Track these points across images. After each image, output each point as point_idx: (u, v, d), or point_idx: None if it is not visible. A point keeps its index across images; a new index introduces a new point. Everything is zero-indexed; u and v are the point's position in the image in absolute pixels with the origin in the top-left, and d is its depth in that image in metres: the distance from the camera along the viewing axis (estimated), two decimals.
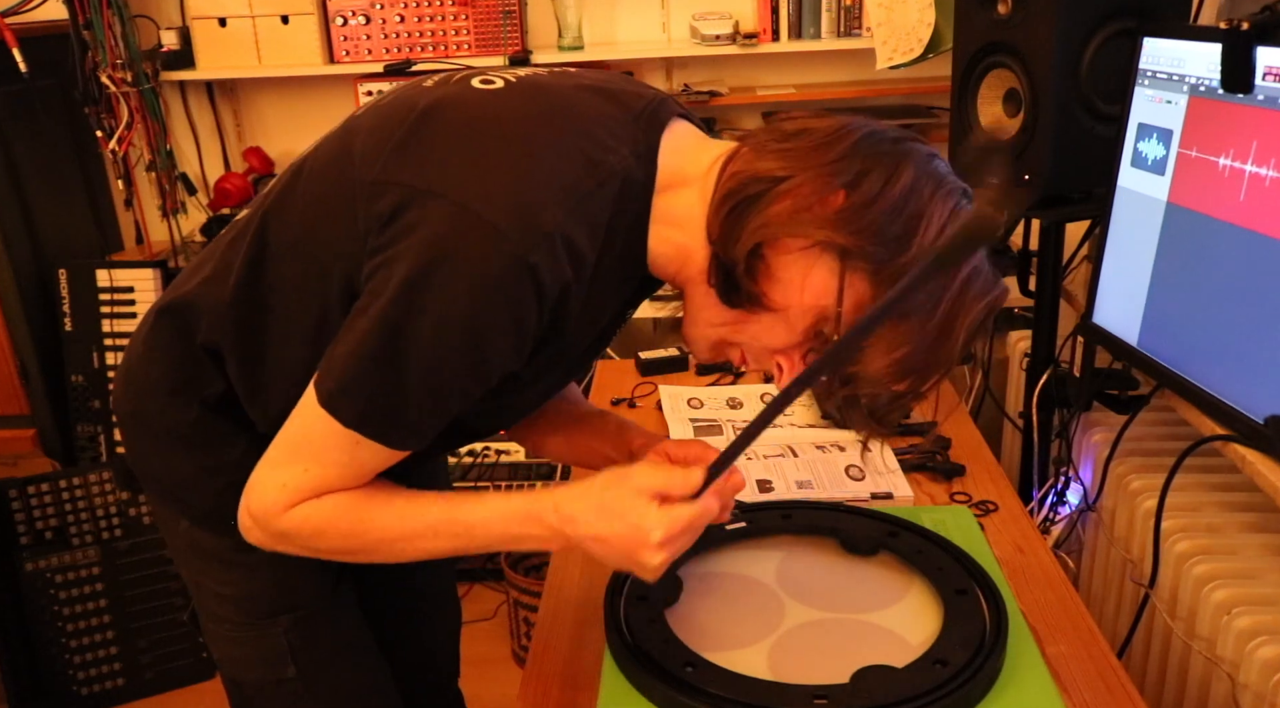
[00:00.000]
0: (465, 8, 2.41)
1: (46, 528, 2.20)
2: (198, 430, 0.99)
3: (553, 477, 2.37)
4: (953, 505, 1.31)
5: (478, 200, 0.77)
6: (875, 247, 0.79)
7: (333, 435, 0.84)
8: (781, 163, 0.82)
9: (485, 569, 2.57)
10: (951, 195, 0.82)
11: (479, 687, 1.45)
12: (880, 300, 0.78)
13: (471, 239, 0.77)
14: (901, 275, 0.77)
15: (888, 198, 0.79)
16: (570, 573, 1.22)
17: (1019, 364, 2.00)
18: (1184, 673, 1.38)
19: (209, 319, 0.95)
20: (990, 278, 0.84)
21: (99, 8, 2.31)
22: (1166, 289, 1.39)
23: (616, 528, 0.84)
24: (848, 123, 0.84)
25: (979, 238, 0.74)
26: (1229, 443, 1.26)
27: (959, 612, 1.01)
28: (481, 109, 0.84)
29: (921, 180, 0.81)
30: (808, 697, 0.91)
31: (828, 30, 2.37)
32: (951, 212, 0.81)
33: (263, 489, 0.88)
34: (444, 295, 0.77)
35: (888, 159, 0.81)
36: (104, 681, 2.25)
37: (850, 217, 0.79)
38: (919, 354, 0.82)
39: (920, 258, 0.78)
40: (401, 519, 0.89)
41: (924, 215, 0.80)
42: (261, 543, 0.91)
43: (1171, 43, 1.36)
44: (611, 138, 0.85)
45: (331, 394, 0.83)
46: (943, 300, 0.80)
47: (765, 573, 1.13)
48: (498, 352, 0.81)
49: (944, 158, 0.85)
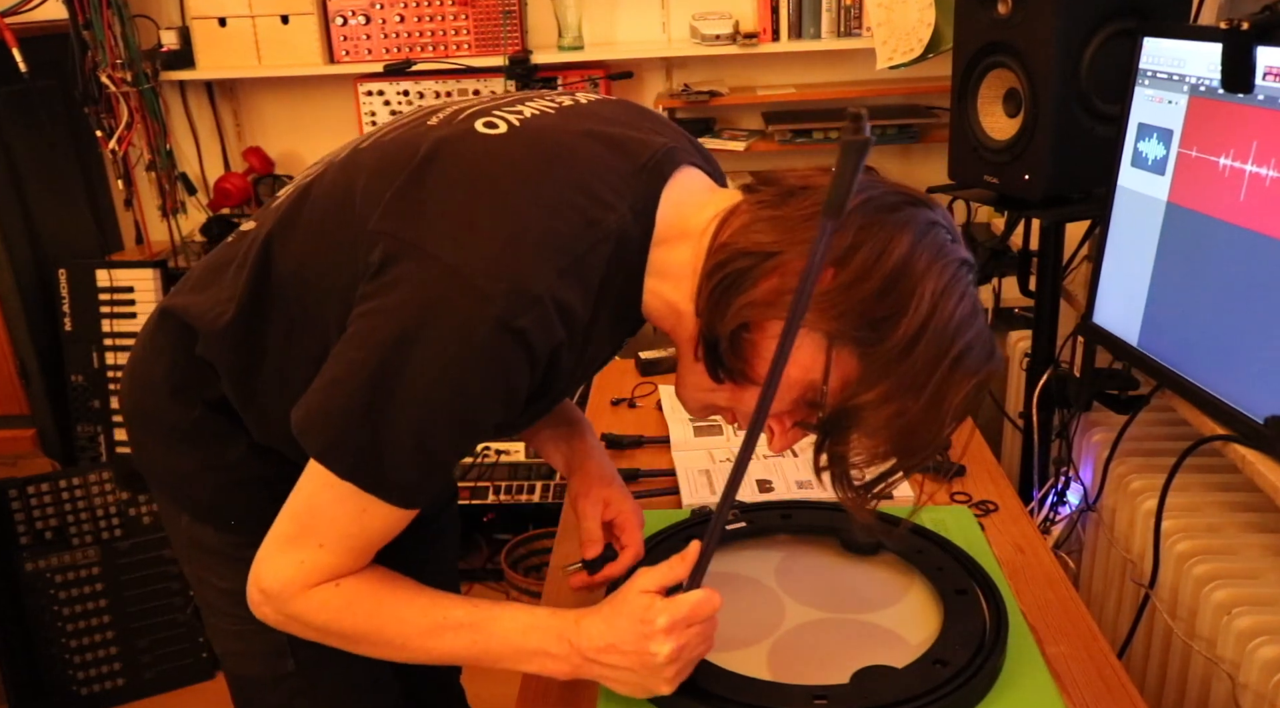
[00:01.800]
0: (465, 8, 2.41)
1: (46, 528, 2.20)
2: (199, 428, 0.99)
3: (553, 476, 2.37)
4: (953, 505, 1.31)
5: (466, 261, 0.77)
6: (861, 329, 0.78)
7: (337, 502, 0.84)
8: (772, 235, 0.80)
9: (485, 569, 2.57)
10: (949, 266, 0.79)
11: (479, 686, 1.44)
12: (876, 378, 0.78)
13: (458, 303, 0.76)
14: (894, 349, 0.77)
15: (877, 275, 0.77)
16: None
17: (1019, 364, 2.00)
18: (1184, 673, 1.38)
19: (206, 339, 0.95)
20: (982, 354, 0.82)
21: (99, 8, 2.31)
22: (1166, 289, 1.39)
23: (622, 627, 0.86)
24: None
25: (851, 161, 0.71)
26: (1229, 443, 1.26)
27: (959, 612, 1.01)
28: (480, 160, 0.83)
29: (917, 253, 0.78)
30: (808, 697, 0.91)
31: (828, 30, 2.37)
32: (948, 284, 0.78)
33: (276, 567, 0.87)
34: (427, 358, 0.77)
35: (882, 231, 0.78)
36: (104, 681, 2.25)
37: (836, 299, 0.77)
38: (905, 435, 0.81)
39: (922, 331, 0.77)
40: (422, 614, 0.89)
41: (915, 292, 0.77)
42: (271, 620, 0.90)
43: (1171, 43, 1.36)
44: (611, 193, 0.84)
45: (320, 448, 0.83)
46: (930, 380, 0.79)
47: (765, 573, 1.13)
48: (486, 411, 0.80)
49: (948, 223, 0.82)
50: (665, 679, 0.87)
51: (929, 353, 0.77)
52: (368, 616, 0.88)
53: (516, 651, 0.89)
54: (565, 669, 0.88)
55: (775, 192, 0.83)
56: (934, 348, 0.77)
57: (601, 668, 0.87)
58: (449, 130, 0.87)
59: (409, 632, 0.88)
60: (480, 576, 2.57)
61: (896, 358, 0.77)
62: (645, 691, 0.88)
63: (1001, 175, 1.60)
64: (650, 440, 1.52)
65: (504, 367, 0.78)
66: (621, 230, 0.83)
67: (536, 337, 0.78)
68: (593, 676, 0.88)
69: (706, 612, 0.88)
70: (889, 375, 0.78)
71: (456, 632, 0.88)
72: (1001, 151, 1.59)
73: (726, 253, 0.81)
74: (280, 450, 0.96)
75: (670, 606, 0.86)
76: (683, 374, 0.91)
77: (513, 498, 2.38)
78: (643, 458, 1.48)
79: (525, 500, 2.37)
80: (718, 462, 1.43)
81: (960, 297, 0.79)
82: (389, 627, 0.88)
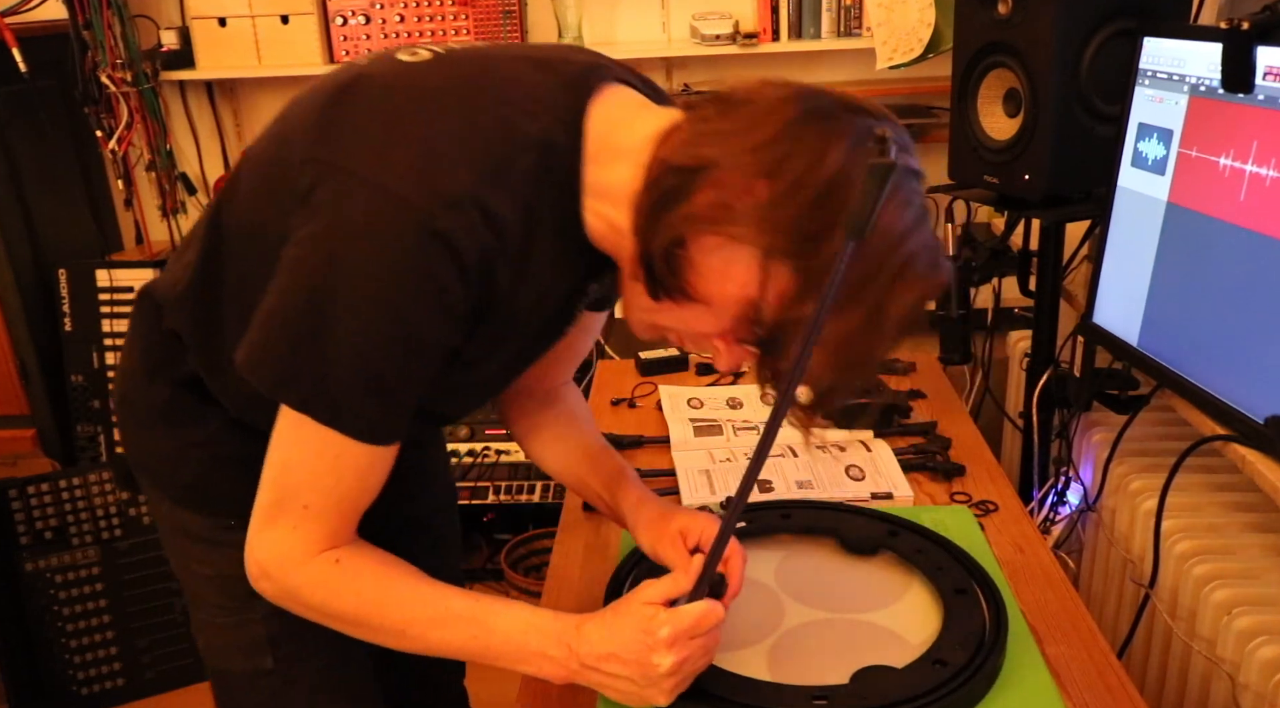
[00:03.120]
0: (465, 7, 2.41)
1: (46, 528, 2.20)
2: (173, 407, 1.00)
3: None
4: (953, 505, 1.31)
5: (385, 174, 0.77)
6: (795, 242, 0.75)
7: (308, 453, 0.83)
8: (709, 149, 0.77)
9: (485, 569, 2.57)
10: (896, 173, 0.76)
11: (479, 686, 1.44)
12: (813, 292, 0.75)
13: (379, 215, 0.76)
14: (829, 263, 0.74)
15: (811, 185, 0.74)
16: (570, 573, 1.22)
17: (1019, 364, 1.99)
18: (1184, 673, 1.38)
19: (169, 309, 0.96)
20: (925, 264, 0.79)
21: (99, 8, 2.31)
22: (1166, 289, 1.39)
23: (625, 637, 0.86)
24: (790, 94, 0.78)
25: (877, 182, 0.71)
26: (1229, 443, 1.26)
27: (959, 612, 1.01)
28: (399, 81, 0.83)
29: (853, 161, 0.74)
30: (808, 697, 0.91)
31: (828, 30, 2.37)
32: (892, 186, 0.75)
33: (268, 539, 0.87)
34: (355, 274, 0.77)
35: (816, 141, 0.75)
36: (104, 681, 2.24)
37: (768, 213, 0.75)
38: (846, 349, 0.78)
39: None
40: (423, 602, 0.88)
41: (851, 199, 0.73)
42: (271, 596, 0.89)
43: (1171, 43, 1.36)
44: (534, 104, 0.83)
45: (270, 383, 0.82)
46: (868, 293, 0.76)
47: (765, 573, 1.13)
48: (426, 325, 0.79)
49: (896, 133, 0.77)
50: (663, 691, 0.87)
51: (866, 265, 0.75)
52: (369, 598, 0.88)
53: (516, 649, 0.88)
54: (562, 674, 0.88)
55: (715, 106, 0.80)
56: (872, 260, 0.75)
57: (600, 676, 0.87)
58: (371, 64, 0.87)
59: (410, 618, 0.88)
60: (480, 576, 2.57)
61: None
62: (641, 700, 0.88)
63: (1001, 175, 1.60)
64: (650, 440, 1.52)
65: (431, 273, 0.77)
66: (546, 139, 0.82)
67: (461, 240, 0.77)
68: (589, 683, 0.88)
69: (710, 624, 0.88)
70: (824, 289, 0.75)
71: (457, 624, 0.88)
72: (1001, 151, 1.58)
73: (662, 168, 0.79)
74: (254, 423, 0.95)
75: (674, 617, 0.86)
76: (626, 295, 0.89)
77: (513, 498, 2.38)
78: (643, 458, 1.48)
79: (525, 500, 2.37)
80: (718, 462, 1.43)
81: (901, 206, 0.76)
82: (390, 612, 0.88)
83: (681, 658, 0.86)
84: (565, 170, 0.84)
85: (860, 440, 1.46)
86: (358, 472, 0.85)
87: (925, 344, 1.80)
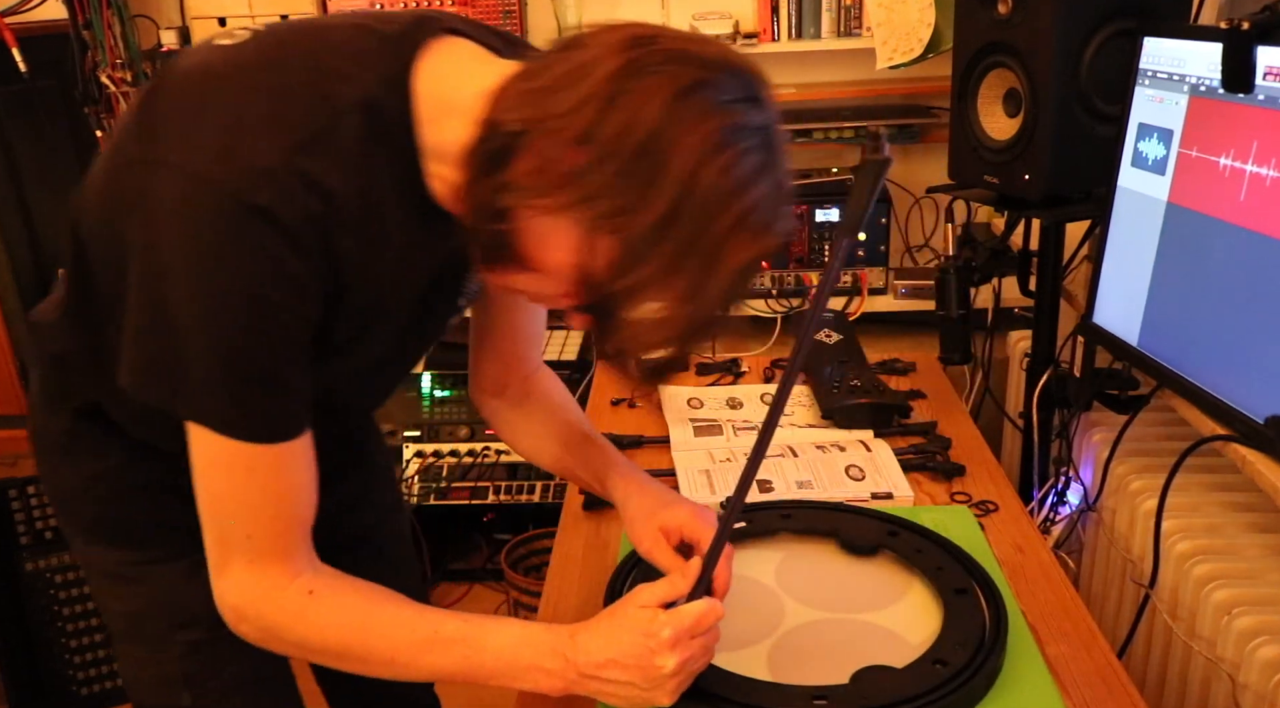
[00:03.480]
0: (465, 7, 2.41)
1: (46, 528, 2.20)
2: (73, 440, 0.98)
3: (553, 476, 2.37)
4: (953, 505, 1.31)
5: (190, 157, 0.75)
6: (612, 212, 0.72)
7: (223, 476, 0.82)
8: (529, 110, 0.73)
9: (485, 569, 2.57)
10: (714, 131, 0.70)
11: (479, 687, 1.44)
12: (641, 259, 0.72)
13: (189, 198, 0.74)
14: (652, 230, 0.71)
15: (623, 151, 0.70)
16: (570, 573, 1.22)
17: (1019, 364, 1.99)
18: (1184, 673, 1.38)
19: (52, 334, 0.93)
20: (761, 224, 0.74)
21: (99, 8, 2.31)
22: (1166, 289, 1.39)
23: (625, 641, 0.85)
24: (618, 42, 0.73)
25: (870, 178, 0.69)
26: (1229, 443, 1.26)
27: (959, 612, 1.01)
28: (211, 66, 0.81)
29: (671, 119, 0.70)
30: (808, 697, 0.91)
31: (828, 30, 2.37)
32: (709, 151, 0.70)
33: (229, 582, 0.85)
34: (182, 264, 0.75)
35: (631, 98, 0.70)
36: (104, 681, 2.24)
37: (579, 181, 0.71)
38: (678, 312, 0.75)
39: (678, 206, 0.70)
40: (408, 626, 0.87)
41: (667, 166, 0.70)
42: (254, 638, 0.87)
43: (1172, 43, 1.36)
44: (352, 66, 0.79)
45: (160, 400, 0.80)
46: (691, 261, 0.72)
47: (765, 573, 1.13)
48: (269, 301, 0.76)
49: (736, 83, 0.73)
50: (667, 692, 0.86)
51: (687, 231, 0.71)
52: (352, 627, 0.86)
53: (509, 666, 0.87)
54: (559, 686, 0.87)
55: (550, 58, 0.76)
56: (692, 226, 0.71)
57: (600, 683, 0.86)
58: (186, 53, 0.84)
59: (397, 645, 0.86)
60: (480, 576, 2.57)
61: (653, 238, 0.71)
62: (645, 702, 0.87)
63: (1001, 175, 1.60)
64: (650, 441, 1.52)
65: (260, 249, 0.74)
66: (368, 101, 0.78)
67: (283, 211, 0.74)
68: (588, 692, 0.87)
69: (710, 622, 0.87)
70: (648, 257, 0.72)
71: (447, 646, 0.86)
72: (1001, 151, 1.58)
73: (484, 131, 0.75)
74: (157, 445, 0.94)
75: (674, 618, 0.86)
76: (472, 260, 0.86)
77: (513, 498, 2.38)
78: (643, 458, 1.48)
79: (525, 500, 2.37)
80: (718, 462, 1.43)
81: (725, 169, 0.71)
82: (375, 640, 0.86)
83: (685, 658, 0.85)
84: (398, 132, 0.80)
85: (860, 440, 1.46)
86: (279, 478, 0.83)
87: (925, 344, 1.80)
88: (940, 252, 2.02)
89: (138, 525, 0.98)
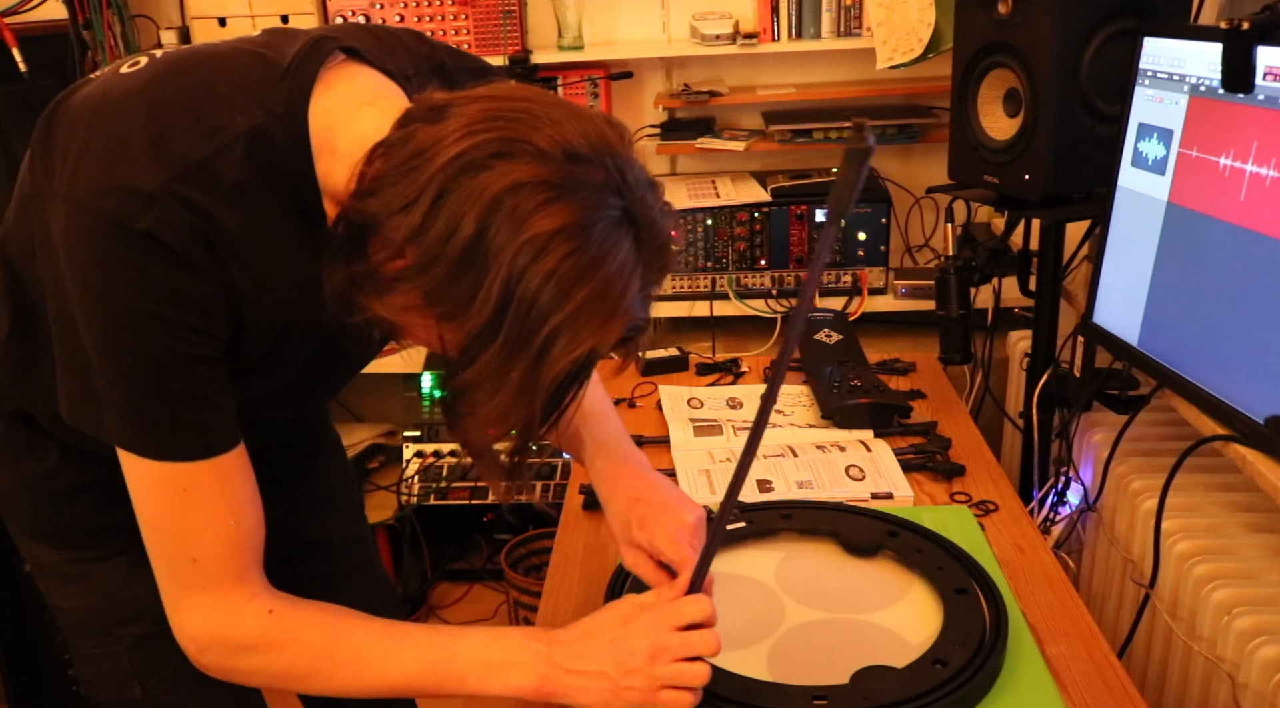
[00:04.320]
0: (465, 7, 2.41)
1: None
2: (9, 441, 0.98)
3: (553, 476, 2.37)
4: (953, 505, 1.31)
5: (77, 186, 0.76)
6: (447, 308, 0.72)
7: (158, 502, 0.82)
8: (374, 202, 0.72)
9: (485, 569, 2.57)
10: (532, 241, 0.69)
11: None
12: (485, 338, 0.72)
13: (78, 226, 0.75)
14: (489, 330, 0.71)
15: (448, 256, 0.70)
16: (570, 573, 1.22)
17: (1019, 364, 1.99)
18: (1184, 674, 1.38)
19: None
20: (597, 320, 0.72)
21: (99, 8, 2.31)
22: (1166, 289, 1.39)
23: (601, 619, 0.86)
24: (463, 122, 0.71)
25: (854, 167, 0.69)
26: (1229, 443, 1.26)
27: (959, 612, 1.01)
28: (103, 95, 0.81)
29: (492, 226, 0.69)
30: (808, 697, 0.91)
31: (828, 30, 2.37)
32: (529, 263, 0.69)
33: (185, 611, 0.84)
34: (79, 291, 0.76)
35: (456, 201, 0.70)
36: None
37: (413, 280, 0.71)
38: (513, 406, 0.74)
39: (503, 312, 0.70)
40: (374, 637, 0.86)
41: (489, 273, 0.70)
42: (218, 670, 0.87)
43: (1172, 43, 1.36)
44: (245, 98, 0.79)
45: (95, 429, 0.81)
46: (519, 363, 0.72)
47: (765, 573, 1.13)
48: (167, 322, 0.76)
49: (558, 175, 0.71)
50: (638, 690, 0.83)
51: (514, 335, 0.71)
52: (316, 645, 0.85)
53: (481, 664, 0.85)
54: (532, 681, 0.85)
55: (405, 127, 0.74)
56: (518, 329, 0.71)
57: (572, 678, 0.85)
58: (88, 83, 0.84)
59: (364, 657, 0.85)
60: (480, 576, 2.57)
61: (484, 339, 0.71)
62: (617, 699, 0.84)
63: (1001, 175, 1.60)
64: (650, 441, 1.52)
65: (145, 271, 0.74)
66: (255, 133, 0.78)
67: (168, 234, 0.74)
68: (561, 688, 0.85)
69: (693, 613, 0.85)
70: (480, 355, 0.72)
71: (416, 652, 0.85)
72: (1001, 151, 1.58)
73: (336, 218, 0.76)
74: (89, 449, 0.94)
75: (650, 597, 0.86)
76: None
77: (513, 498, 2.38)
78: None
79: (525, 500, 2.37)
80: (718, 462, 1.43)
81: (546, 275, 0.69)
82: (341, 653, 0.85)
83: (660, 645, 0.83)
84: (291, 163, 0.80)
85: (860, 440, 1.46)
86: (215, 496, 0.83)
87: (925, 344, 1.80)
88: (940, 251, 2.02)
89: (76, 525, 0.98)
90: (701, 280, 2.36)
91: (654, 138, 2.51)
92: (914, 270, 2.43)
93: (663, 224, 0.76)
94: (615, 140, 0.75)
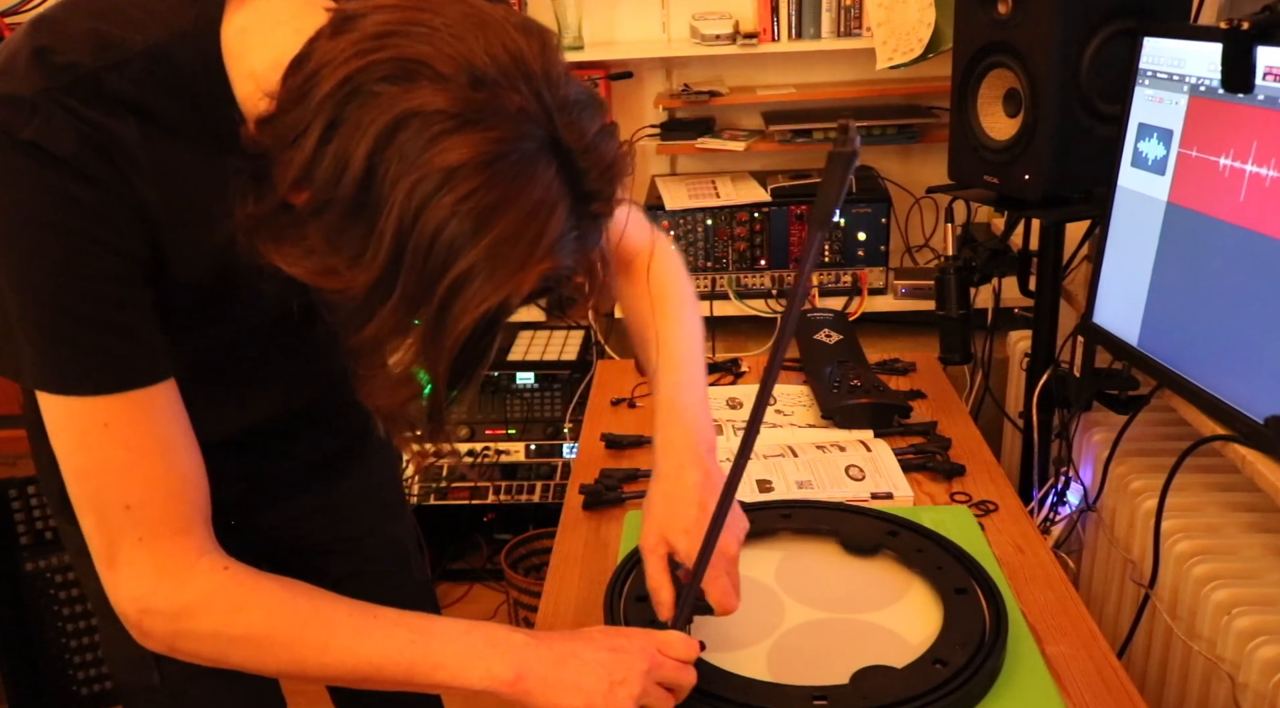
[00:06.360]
0: None
1: (46, 528, 2.20)
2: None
3: (553, 476, 2.37)
4: (953, 506, 1.31)
5: None
6: (344, 257, 0.65)
7: (79, 441, 0.76)
8: (268, 132, 0.65)
9: (485, 569, 2.57)
10: (429, 176, 0.61)
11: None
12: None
13: None
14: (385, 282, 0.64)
15: (343, 193, 0.63)
16: (570, 573, 1.22)
17: (1019, 364, 2.00)
18: (1184, 673, 1.38)
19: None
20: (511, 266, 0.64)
21: None
22: (1166, 289, 1.39)
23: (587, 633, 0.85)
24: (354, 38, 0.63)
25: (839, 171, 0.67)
26: (1229, 443, 1.26)
27: (959, 612, 1.01)
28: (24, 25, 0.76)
29: (384, 159, 0.61)
30: (808, 697, 0.91)
31: (828, 30, 2.37)
32: (424, 198, 0.61)
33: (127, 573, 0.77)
34: None
35: (347, 131, 0.62)
36: (104, 681, 2.24)
37: (305, 227, 0.65)
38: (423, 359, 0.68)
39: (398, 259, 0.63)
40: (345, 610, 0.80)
41: (382, 210, 0.62)
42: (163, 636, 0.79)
43: (1171, 43, 1.36)
44: (149, 18, 0.74)
45: (12, 374, 0.76)
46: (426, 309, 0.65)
47: (765, 573, 1.13)
48: (69, 233, 0.71)
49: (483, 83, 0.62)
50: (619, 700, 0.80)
51: (412, 286, 0.64)
52: (278, 610, 0.78)
53: (459, 649, 0.79)
54: (509, 676, 0.79)
55: (311, 43, 0.66)
56: (415, 283, 0.64)
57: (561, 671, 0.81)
58: None
59: (333, 629, 0.78)
60: (480, 575, 2.57)
61: (382, 291, 0.64)
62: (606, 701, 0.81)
63: (1001, 175, 1.60)
64: (650, 441, 1.51)
65: (42, 180, 0.69)
66: (154, 51, 0.72)
67: (54, 143, 0.69)
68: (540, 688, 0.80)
69: (683, 653, 0.86)
70: (383, 305, 0.65)
71: (390, 631, 0.79)
72: (1001, 151, 1.59)
73: (245, 144, 0.68)
74: None
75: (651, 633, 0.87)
76: None
77: (513, 498, 2.38)
78: (643, 458, 1.47)
79: (525, 500, 2.37)
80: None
81: (444, 221, 0.62)
82: (308, 622, 0.78)
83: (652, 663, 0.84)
84: (203, 87, 0.74)
85: (860, 440, 1.46)
86: (142, 431, 0.76)
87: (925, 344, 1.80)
88: (940, 252, 2.02)
89: None
90: (701, 280, 2.36)
91: (654, 138, 2.51)
92: (914, 270, 2.43)
93: (602, 148, 0.66)
94: (533, 54, 0.64)
